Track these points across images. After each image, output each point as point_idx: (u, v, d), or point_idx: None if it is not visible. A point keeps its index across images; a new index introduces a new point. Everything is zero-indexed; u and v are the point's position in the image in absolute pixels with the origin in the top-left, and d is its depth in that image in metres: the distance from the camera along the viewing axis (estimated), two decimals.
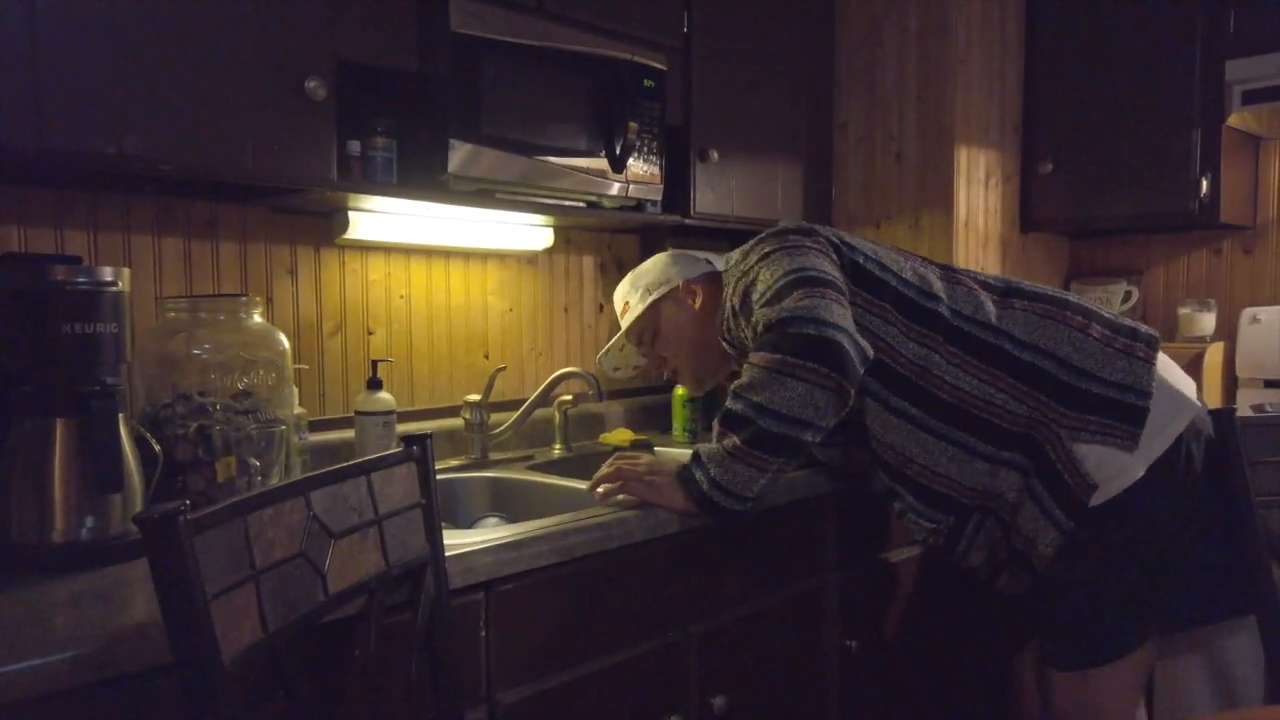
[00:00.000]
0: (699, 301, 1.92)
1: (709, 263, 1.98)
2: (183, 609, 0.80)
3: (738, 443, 1.54)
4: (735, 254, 1.82)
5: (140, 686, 1.00)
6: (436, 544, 1.25)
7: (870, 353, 1.57)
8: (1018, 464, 1.64)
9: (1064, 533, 1.60)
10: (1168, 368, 1.70)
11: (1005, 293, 1.73)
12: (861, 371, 1.55)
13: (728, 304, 1.78)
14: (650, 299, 1.95)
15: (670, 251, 2.04)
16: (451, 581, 1.28)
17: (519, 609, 1.40)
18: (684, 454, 1.65)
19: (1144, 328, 1.71)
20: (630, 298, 2.00)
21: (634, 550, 1.55)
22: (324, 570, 1.04)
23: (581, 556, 1.47)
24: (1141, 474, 1.58)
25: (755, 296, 1.65)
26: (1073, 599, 1.66)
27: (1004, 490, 1.66)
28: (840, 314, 1.54)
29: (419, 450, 1.25)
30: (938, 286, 1.70)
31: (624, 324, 2.01)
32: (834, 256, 1.69)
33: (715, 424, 1.60)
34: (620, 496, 1.61)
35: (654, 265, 2.00)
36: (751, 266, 1.71)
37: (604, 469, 1.66)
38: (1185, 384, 1.70)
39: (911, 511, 1.74)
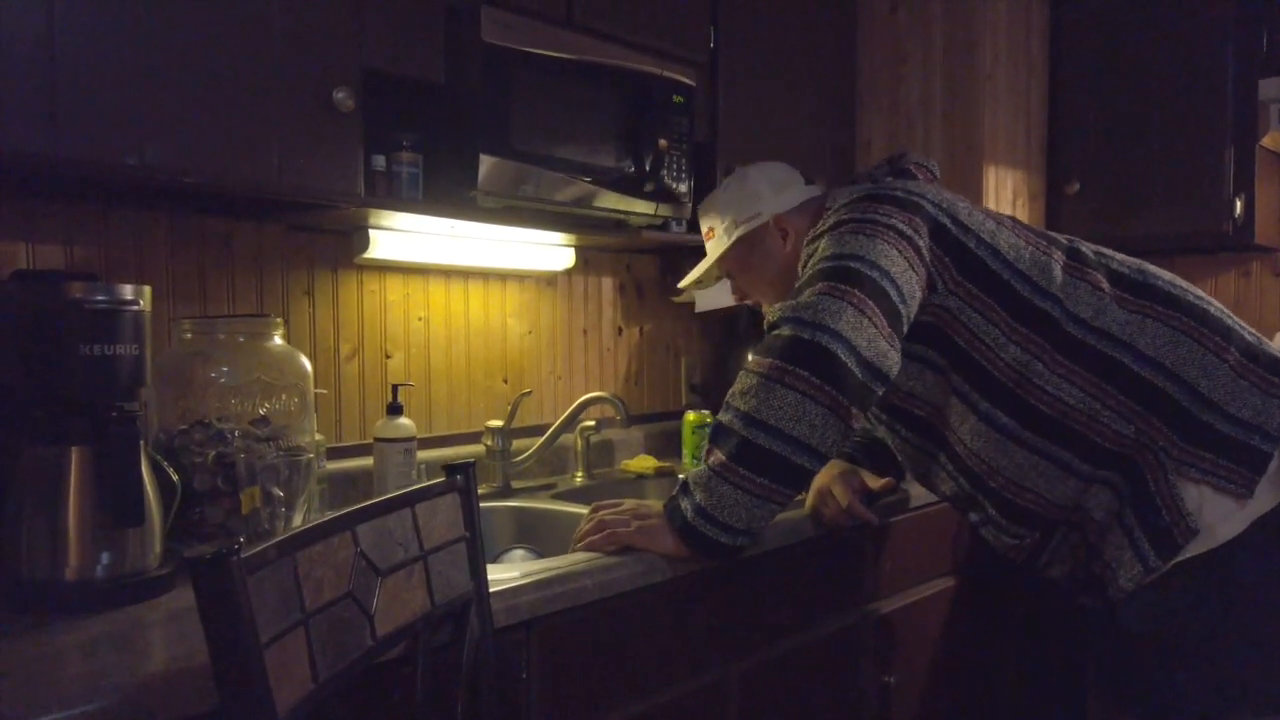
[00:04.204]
0: (789, 241, 1.68)
1: (808, 186, 1.75)
2: (236, 658, 0.72)
3: (723, 459, 1.35)
4: (841, 195, 1.60)
5: None
6: (481, 580, 1.16)
7: (893, 370, 1.37)
8: (1114, 484, 1.45)
9: (1150, 570, 1.40)
10: None
11: (1138, 291, 1.49)
12: (876, 390, 1.35)
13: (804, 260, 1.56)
14: (735, 234, 1.71)
15: (765, 168, 1.76)
16: (495, 619, 1.20)
17: (561, 648, 1.32)
18: None
19: None
20: (716, 225, 1.76)
21: (674, 585, 1.47)
22: (372, 611, 0.96)
23: (622, 593, 1.39)
24: (1244, 528, 1.38)
25: (802, 271, 1.48)
26: (1159, 671, 1.45)
27: (1093, 508, 1.47)
28: (853, 320, 1.33)
29: (462, 480, 1.17)
30: (1058, 282, 1.47)
31: (709, 251, 1.78)
32: (921, 244, 1.46)
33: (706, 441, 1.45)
34: (609, 548, 1.44)
35: (742, 189, 1.73)
36: (823, 232, 1.51)
37: (584, 524, 1.50)
38: None
39: (993, 525, 1.57)
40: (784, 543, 1.63)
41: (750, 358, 1.40)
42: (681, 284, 1.89)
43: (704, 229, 1.80)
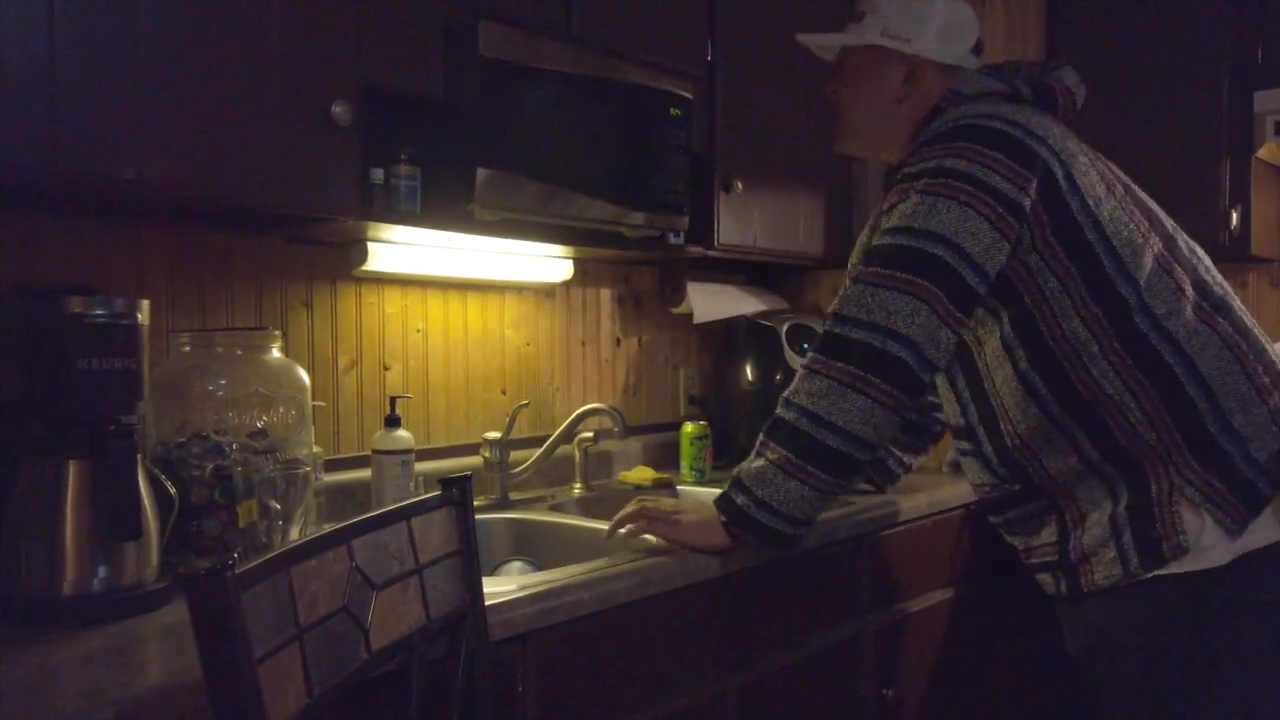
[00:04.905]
0: (909, 93, 1.61)
1: (972, 53, 1.63)
2: (230, 675, 0.72)
3: (789, 455, 1.41)
4: (969, 100, 1.54)
5: None
6: (477, 594, 1.17)
7: (950, 354, 1.43)
8: (1112, 481, 1.44)
9: (1129, 575, 1.42)
10: None
11: (1216, 305, 1.45)
12: (932, 380, 1.43)
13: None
14: (875, 40, 1.61)
15: (955, 6, 1.64)
16: (491, 633, 1.20)
17: (558, 662, 1.32)
18: (709, 493, 1.56)
19: None
20: (870, 11, 1.64)
21: (672, 597, 1.47)
22: (366, 625, 0.96)
23: (620, 605, 1.39)
24: (1227, 561, 1.38)
25: (881, 229, 1.47)
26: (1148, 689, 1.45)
27: (1081, 498, 1.46)
28: (924, 321, 1.38)
29: (458, 494, 1.17)
30: (1146, 269, 1.42)
31: (848, 29, 1.68)
32: (1024, 202, 1.41)
33: (761, 436, 1.48)
34: (646, 537, 1.51)
35: (919, 5, 1.61)
36: (906, 183, 1.46)
37: (627, 509, 1.56)
38: None
39: (979, 459, 1.55)
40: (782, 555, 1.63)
41: (815, 355, 1.45)
42: (801, 37, 1.76)
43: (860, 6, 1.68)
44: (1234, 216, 2.45)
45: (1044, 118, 1.52)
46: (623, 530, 1.54)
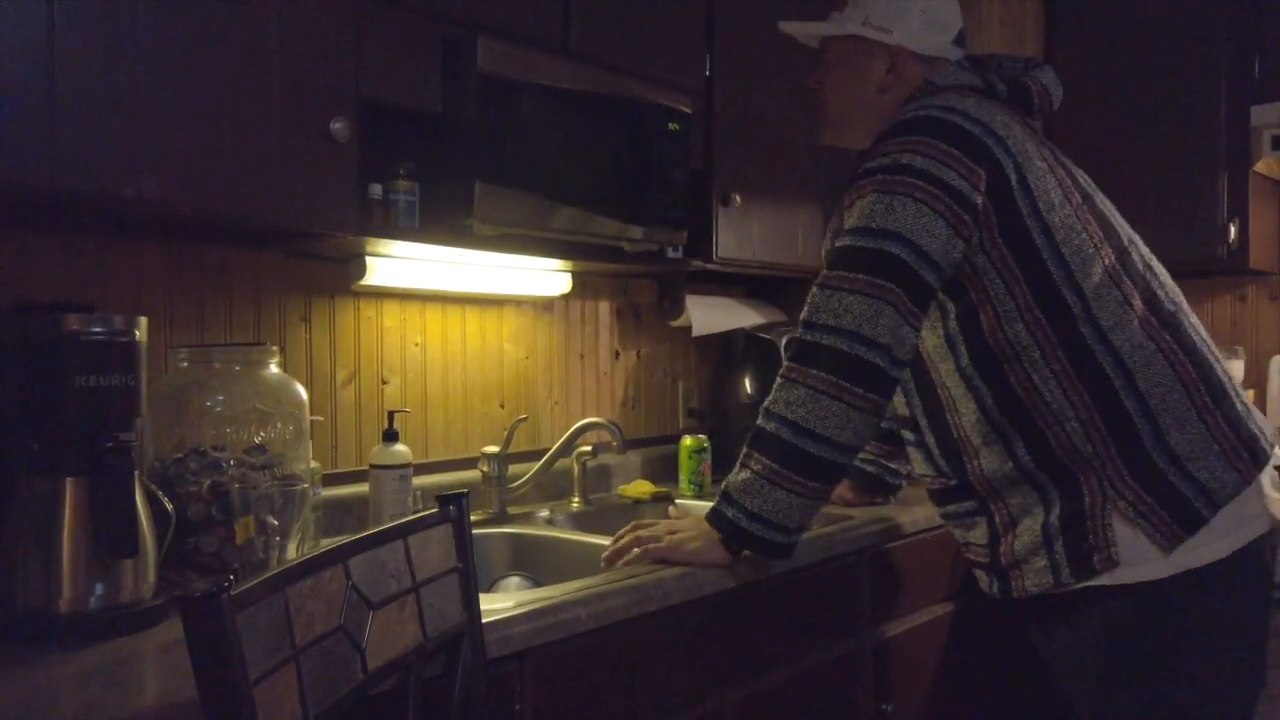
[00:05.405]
0: (890, 84, 1.61)
1: (954, 45, 1.63)
2: (225, 697, 0.72)
3: (773, 465, 1.42)
4: (939, 90, 1.55)
5: None
6: (474, 612, 1.16)
7: (908, 359, 1.43)
8: (1044, 490, 1.44)
9: (1059, 585, 1.42)
10: (1264, 480, 1.45)
11: (1165, 322, 1.45)
12: (899, 379, 1.43)
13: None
14: (856, 30, 1.62)
15: None
16: (488, 650, 1.19)
17: (555, 680, 1.31)
18: (706, 506, 1.55)
19: (1264, 440, 1.46)
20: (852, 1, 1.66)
21: (669, 614, 1.46)
22: (363, 645, 0.96)
23: (618, 622, 1.38)
24: (1165, 576, 1.38)
25: (841, 230, 1.47)
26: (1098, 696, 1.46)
27: (1012, 505, 1.47)
28: (889, 322, 1.39)
29: (455, 511, 1.17)
30: (1093, 279, 1.42)
31: (831, 17, 1.70)
32: (976, 200, 1.41)
33: (744, 447, 1.48)
34: (644, 563, 1.50)
35: None
36: (865, 178, 1.47)
37: (621, 538, 1.55)
38: (1261, 506, 1.45)
39: (923, 450, 1.57)
40: (780, 569, 1.62)
41: (789, 364, 1.45)
42: (783, 25, 1.76)
43: None
44: (1232, 230, 2.46)
45: (1009, 117, 1.52)
46: (620, 563, 1.53)
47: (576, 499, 2.15)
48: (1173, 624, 1.41)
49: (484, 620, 1.19)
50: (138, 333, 1.23)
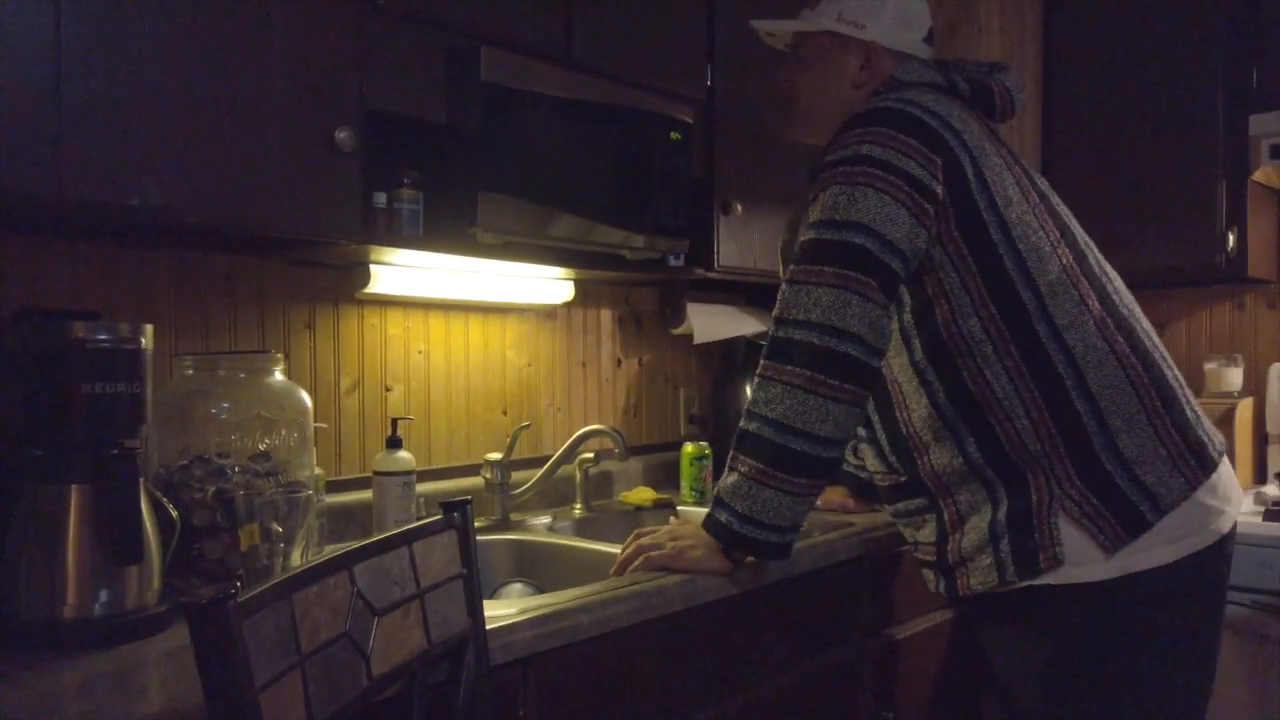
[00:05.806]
0: (869, 81, 1.62)
1: (924, 43, 1.64)
2: (231, 703, 0.73)
3: (759, 465, 1.42)
4: (903, 85, 1.56)
5: None
6: (478, 618, 1.17)
7: (886, 347, 1.43)
8: (992, 487, 1.44)
9: (1004, 584, 1.41)
10: (1217, 487, 1.45)
11: (1119, 324, 1.46)
12: (878, 367, 1.43)
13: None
14: (831, 26, 1.62)
15: None
16: (491, 657, 1.20)
17: (558, 685, 1.32)
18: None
19: (1213, 447, 1.47)
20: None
21: (671, 620, 1.47)
22: (368, 651, 0.96)
23: (620, 629, 1.39)
24: (1109, 577, 1.39)
25: (806, 224, 1.47)
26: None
27: (961, 502, 1.47)
28: (858, 311, 1.39)
29: (459, 517, 1.17)
30: (1049, 277, 1.43)
31: (801, 15, 1.68)
32: (936, 190, 1.42)
33: (731, 450, 1.48)
34: (647, 570, 1.51)
35: None
36: (827, 171, 1.47)
37: (625, 551, 1.56)
38: (1211, 514, 1.44)
39: (874, 446, 1.57)
40: (781, 576, 1.63)
41: (765, 362, 1.45)
42: (755, 23, 1.77)
43: None
44: (1231, 238, 2.47)
45: (967, 113, 1.53)
46: (628, 571, 1.53)
47: (579, 506, 2.16)
48: (1116, 628, 1.41)
49: (488, 626, 1.20)
50: (143, 340, 1.24)
